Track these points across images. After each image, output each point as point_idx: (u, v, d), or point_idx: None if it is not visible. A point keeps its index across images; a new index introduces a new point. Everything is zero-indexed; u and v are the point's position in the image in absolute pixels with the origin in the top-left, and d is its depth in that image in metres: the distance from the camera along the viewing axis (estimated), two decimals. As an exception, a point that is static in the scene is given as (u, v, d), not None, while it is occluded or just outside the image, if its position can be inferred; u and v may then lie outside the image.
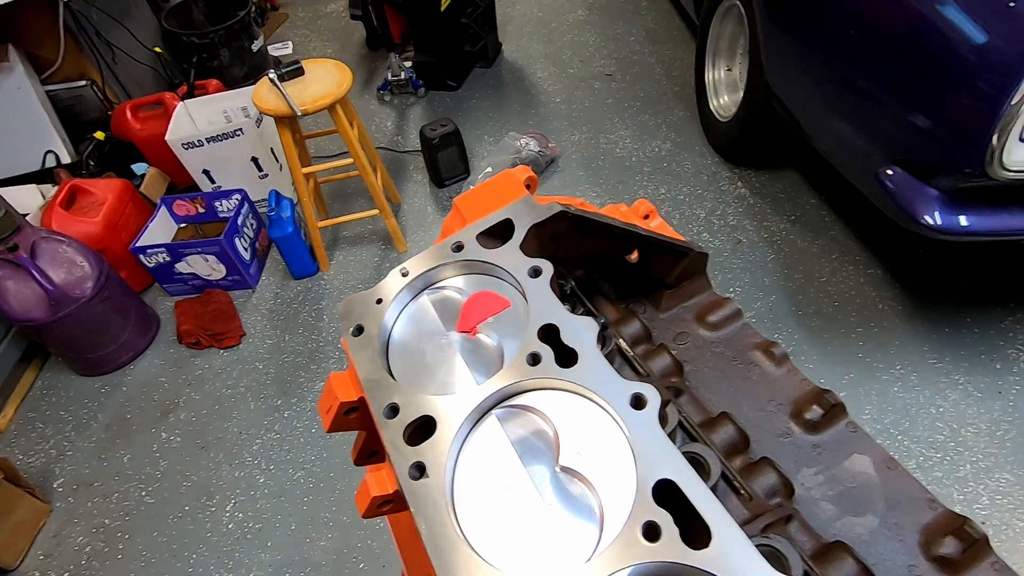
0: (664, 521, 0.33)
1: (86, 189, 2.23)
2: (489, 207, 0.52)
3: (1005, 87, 1.08)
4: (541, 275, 0.45)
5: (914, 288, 1.91)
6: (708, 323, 0.62)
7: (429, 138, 2.43)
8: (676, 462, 0.35)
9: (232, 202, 2.32)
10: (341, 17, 3.80)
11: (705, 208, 2.30)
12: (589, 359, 0.40)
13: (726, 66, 2.46)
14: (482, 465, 0.39)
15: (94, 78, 2.59)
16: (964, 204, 1.29)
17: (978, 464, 1.52)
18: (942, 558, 0.45)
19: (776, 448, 0.53)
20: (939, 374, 1.70)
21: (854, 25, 1.46)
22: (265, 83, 1.94)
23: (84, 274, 1.94)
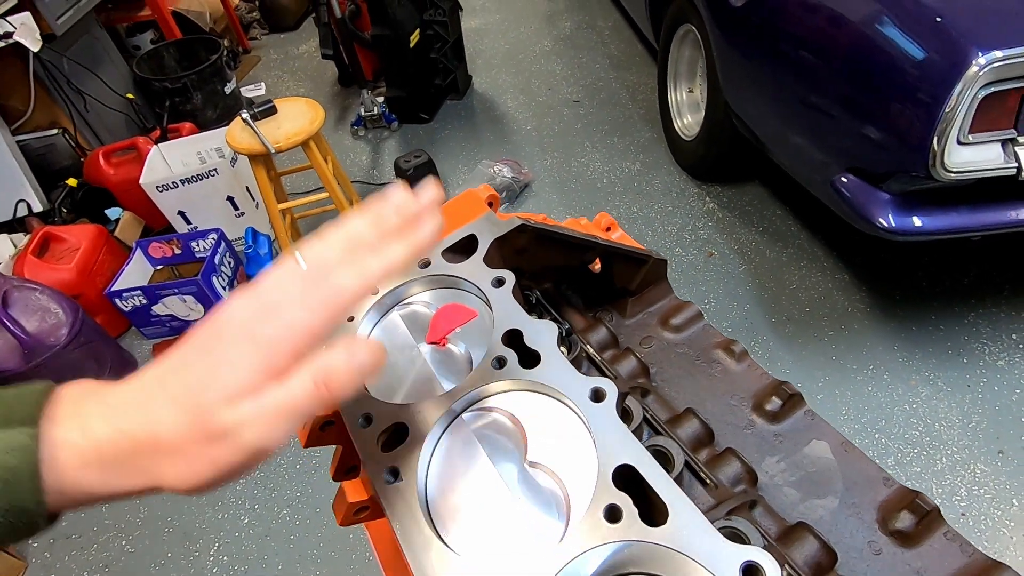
0: (624, 503, 0.35)
1: (59, 236, 2.21)
2: (453, 225, 0.55)
3: (939, 95, 1.15)
4: (504, 284, 0.48)
5: (880, 291, 1.98)
6: (671, 326, 0.65)
7: (404, 169, 2.48)
8: (633, 448, 0.37)
9: (209, 242, 2.32)
10: (312, 57, 3.87)
11: (676, 224, 2.36)
12: (550, 359, 0.42)
13: (687, 88, 2.56)
14: (454, 466, 0.41)
15: (66, 126, 2.59)
16: (915, 206, 1.35)
17: (953, 457, 1.56)
18: (899, 532, 0.47)
19: (740, 439, 0.55)
20: (910, 371, 1.75)
21: (802, 46, 1.55)
22: (238, 123, 1.97)
23: (58, 321, 1.91)
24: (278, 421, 0.30)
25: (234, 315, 0.32)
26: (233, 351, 0.31)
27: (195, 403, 0.30)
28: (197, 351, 0.32)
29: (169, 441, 0.30)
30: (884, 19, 1.27)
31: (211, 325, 0.33)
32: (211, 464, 0.30)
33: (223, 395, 0.30)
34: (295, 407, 0.31)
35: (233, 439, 0.30)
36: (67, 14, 2.50)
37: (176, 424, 0.30)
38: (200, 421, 0.30)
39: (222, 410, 0.30)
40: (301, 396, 0.31)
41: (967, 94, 1.12)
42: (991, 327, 1.82)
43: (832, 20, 1.41)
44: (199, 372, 0.31)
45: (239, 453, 0.30)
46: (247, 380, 0.30)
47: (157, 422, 0.30)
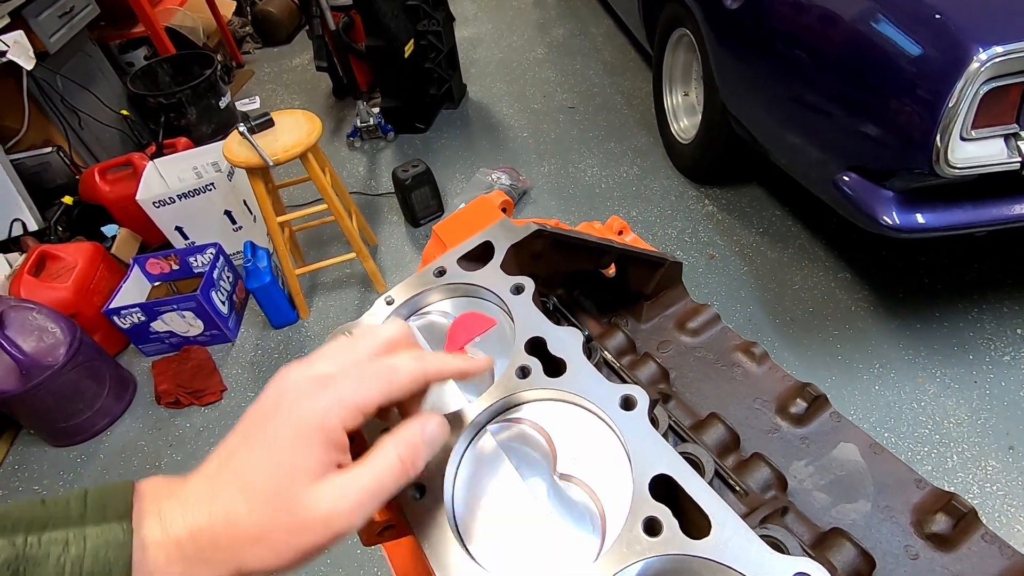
0: (663, 515, 0.33)
1: (55, 255, 2.19)
2: (467, 232, 0.53)
3: (941, 92, 1.15)
4: (524, 291, 0.47)
5: (883, 288, 1.98)
6: (689, 329, 0.64)
7: (401, 179, 2.47)
8: (670, 457, 0.36)
9: (207, 257, 2.30)
10: (307, 70, 3.88)
11: (676, 227, 2.36)
12: (576, 367, 0.41)
13: (683, 91, 2.57)
14: (481, 481, 0.39)
15: (60, 144, 2.58)
16: (919, 203, 1.35)
17: (964, 454, 1.55)
18: (935, 535, 0.46)
19: (766, 444, 0.54)
20: (916, 369, 1.74)
21: (800, 46, 1.56)
22: (235, 136, 1.96)
23: (56, 341, 1.89)
24: (367, 503, 0.31)
25: (291, 385, 0.33)
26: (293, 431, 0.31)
27: (272, 491, 0.30)
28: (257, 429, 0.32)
29: (251, 532, 0.30)
30: (882, 17, 1.27)
31: (271, 397, 0.33)
32: (295, 551, 0.30)
33: (303, 482, 0.30)
34: (383, 487, 0.31)
35: (320, 529, 0.30)
36: (60, 32, 2.50)
37: (256, 516, 0.30)
38: (283, 511, 0.30)
39: (305, 498, 0.30)
40: (387, 476, 0.31)
41: (969, 90, 1.12)
42: (995, 323, 1.82)
43: (830, 20, 1.42)
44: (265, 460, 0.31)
45: (324, 538, 0.30)
46: (321, 463, 0.31)
47: (232, 512, 0.30)
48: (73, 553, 0.28)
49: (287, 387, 0.33)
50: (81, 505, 0.30)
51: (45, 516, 0.29)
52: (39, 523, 0.29)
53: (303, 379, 0.33)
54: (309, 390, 0.32)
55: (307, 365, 0.34)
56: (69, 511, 0.30)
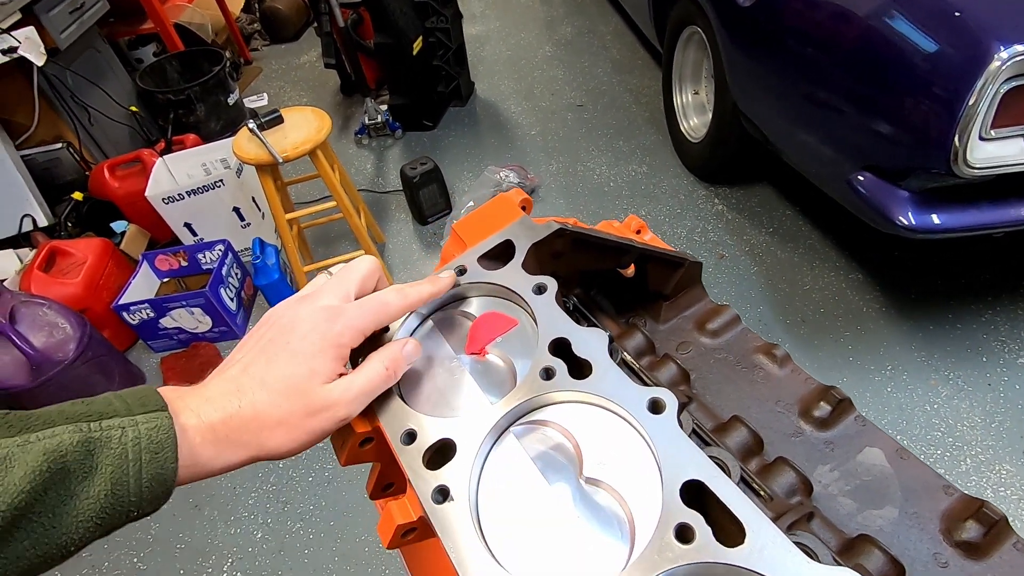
0: (696, 522, 0.33)
1: (65, 250, 2.20)
2: (487, 230, 0.53)
3: (960, 91, 1.14)
4: (546, 291, 0.46)
5: (895, 289, 1.96)
6: (708, 331, 0.63)
7: (409, 176, 2.46)
8: (701, 462, 0.35)
9: (215, 253, 2.31)
10: (315, 67, 3.88)
11: (685, 227, 2.34)
12: (602, 369, 0.40)
13: (693, 90, 2.55)
14: (505, 484, 0.39)
15: (70, 140, 2.59)
16: (935, 203, 1.34)
17: (978, 458, 1.54)
18: (965, 543, 0.45)
19: (789, 447, 0.53)
20: (929, 371, 1.72)
21: (812, 43, 1.54)
22: (245, 133, 1.96)
23: (66, 336, 1.89)
24: (362, 397, 0.41)
25: (297, 314, 0.41)
26: (309, 344, 0.39)
27: (290, 387, 0.38)
28: (273, 345, 0.40)
29: (273, 417, 0.38)
30: (900, 15, 1.25)
31: (275, 324, 0.42)
32: (308, 432, 0.39)
33: (318, 381, 0.39)
34: (373, 387, 0.41)
35: (329, 413, 0.39)
36: (71, 28, 2.50)
37: (279, 405, 0.38)
38: (300, 401, 0.38)
39: (319, 392, 0.39)
40: (376, 378, 0.41)
41: (989, 89, 1.10)
42: (1010, 325, 1.80)
43: (844, 17, 1.40)
44: (286, 362, 0.39)
45: (331, 424, 0.40)
46: (333, 369, 0.40)
47: (260, 404, 0.38)
48: (131, 436, 0.34)
49: (302, 316, 0.41)
50: (123, 401, 0.36)
51: (96, 410, 0.34)
52: (96, 415, 0.34)
53: (316, 310, 0.41)
54: (325, 317, 0.41)
55: (312, 299, 0.42)
56: (115, 407, 0.35)
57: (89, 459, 0.32)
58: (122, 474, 0.33)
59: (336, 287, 0.43)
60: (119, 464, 0.33)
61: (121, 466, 0.33)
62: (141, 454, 0.34)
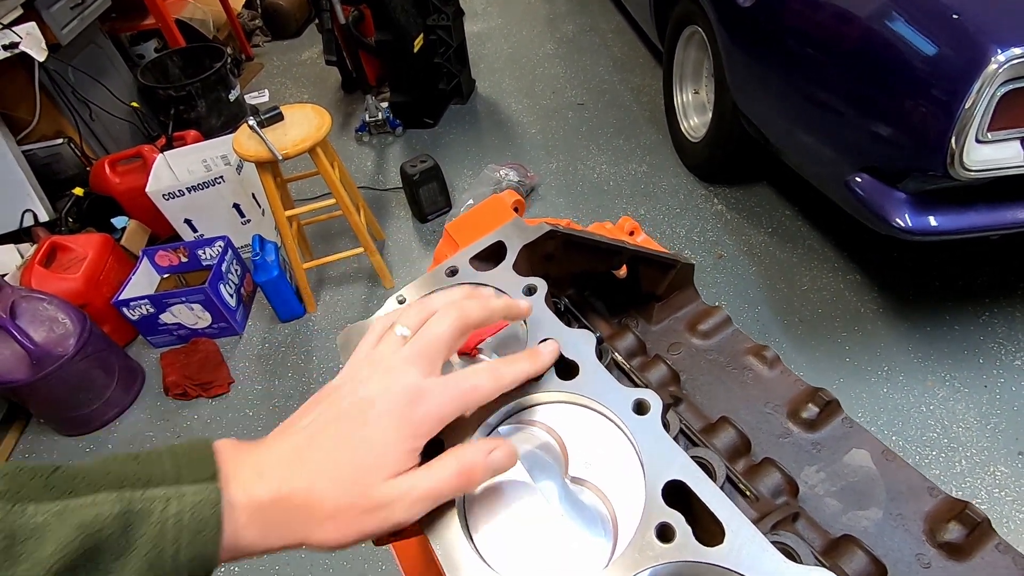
0: (676, 521, 0.33)
1: (66, 246, 2.21)
2: (479, 231, 0.53)
3: (957, 93, 1.14)
4: (536, 292, 0.47)
5: (892, 290, 1.96)
6: (700, 332, 0.64)
7: (410, 174, 2.47)
8: (683, 463, 0.36)
9: (215, 249, 2.31)
10: (316, 64, 3.88)
11: (684, 226, 2.35)
12: (589, 370, 0.41)
13: (693, 89, 2.55)
14: (492, 483, 0.39)
15: (71, 135, 2.59)
16: (932, 205, 1.34)
17: (973, 459, 1.54)
18: (948, 544, 0.46)
19: (777, 449, 0.53)
20: (925, 372, 1.73)
21: (814, 44, 1.54)
22: (245, 130, 1.96)
23: (66, 331, 1.90)
24: (424, 503, 0.35)
25: (375, 390, 0.36)
26: (384, 432, 0.35)
27: (355, 477, 0.34)
28: (345, 422, 0.35)
29: (327, 508, 0.34)
30: (898, 17, 1.25)
31: (350, 395, 0.36)
32: (359, 531, 0.34)
33: (384, 475, 0.34)
34: (440, 493, 0.35)
35: (384, 515, 0.34)
36: (72, 24, 2.51)
37: (336, 496, 0.34)
38: (360, 495, 0.34)
39: (380, 488, 0.34)
40: (446, 484, 0.35)
41: (986, 92, 1.11)
42: (1007, 327, 1.80)
43: (844, 18, 1.40)
44: (356, 448, 0.35)
45: (384, 525, 0.35)
46: (403, 463, 0.35)
47: (316, 490, 0.34)
48: (173, 510, 0.31)
49: (381, 393, 0.36)
50: (174, 464, 0.33)
51: (143, 473, 0.32)
52: (141, 480, 0.32)
53: (399, 390, 0.36)
54: (407, 401, 0.36)
55: (397, 373, 0.36)
56: (164, 470, 0.32)
57: (125, 536, 0.30)
58: (159, 554, 0.30)
59: (426, 353, 0.37)
60: (156, 543, 0.30)
61: (158, 545, 0.30)
62: (182, 533, 0.31)
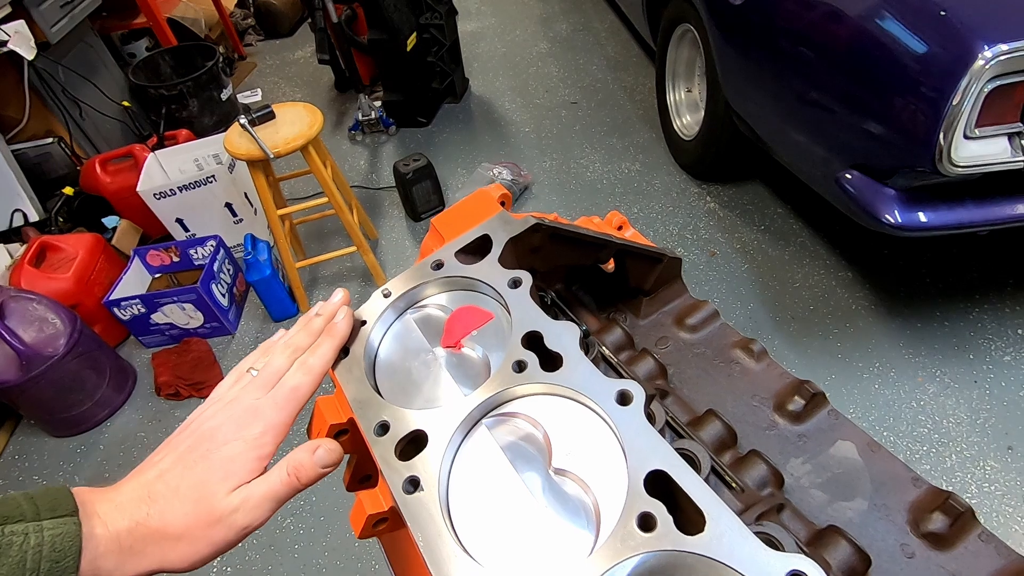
0: (658, 511, 0.33)
1: (56, 245, 2.19)
2: (466, 225, 0.53)
3: (945, 89, 1.15)
4: (521, 285, 0.47)
5: (884, 287, 1.97)
6: (687, 326, 0.64)
7: (403, 173, 2.46)
8: (665, 453, 0.36)
9: (207, 249, 2.30)
10: (309, 63, 3.87)
11: (677, 224, 2.35)
12: (573, 362, 0.41)
13: (686, 87, 2.55)
14: (475, 475, 0.39)
15: (61, 135, 2.58)
16: (921, 201, 1.35)
17: (963, 454, 1.55)
18: (931, 534, 0.46)
19: (763, 441, 0.54)
20: (916, 368, 1.74)
21: (802, 42, 1.55)
22: (236, 129, 1.95)
23: (56, 331, 1.89)
24: (265, 504, 0.39)
25: (223, 422, 0.41)
26: (230, 450, 0.39)
27: (200, 495, 0.38)
28: (194, 453, 0.40)
29: (177, 528, 0.37)
30: (886, 14, 1.26)
31: (196, 431, 0.41)
32: (209, 543, 0.38)
33: (226, 488, 0.38)
34: (275, 494, 0.39)
35: (229, 522, 0.38)
36: (62, 22, 2.49)
37: (184, 515, 0.37)
38: (204, 509, 0.38)
39: (223, 501, 0.38)
40: (279, 485, 0.40)
41: (973, 88, 1.11)
42: (996, 323, 1.81)
43: (833, 16, 1.41)
44: (203, 470, 0.39)
45: (232, 533, 0.38)
46: (249, 473, 0.39)
47: (166, 512, 0.37)
48: (33, 542, 0.33)
49: (222, 421, 0.41)
50: (33, 504, 0.35)
51: (3, 513, 0.34)
52: (1, 518, 0.34)
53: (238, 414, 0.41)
54: (246, 422, 0.40)
55: (227, 402, 0.42)
56: (23, 508, 0.35)
57: None
58: None
59: (263, 381, 0.43)
60: (16, 572, 0.32)
61: (19, 574, 0.32)
62: (41, 562, 0.33)
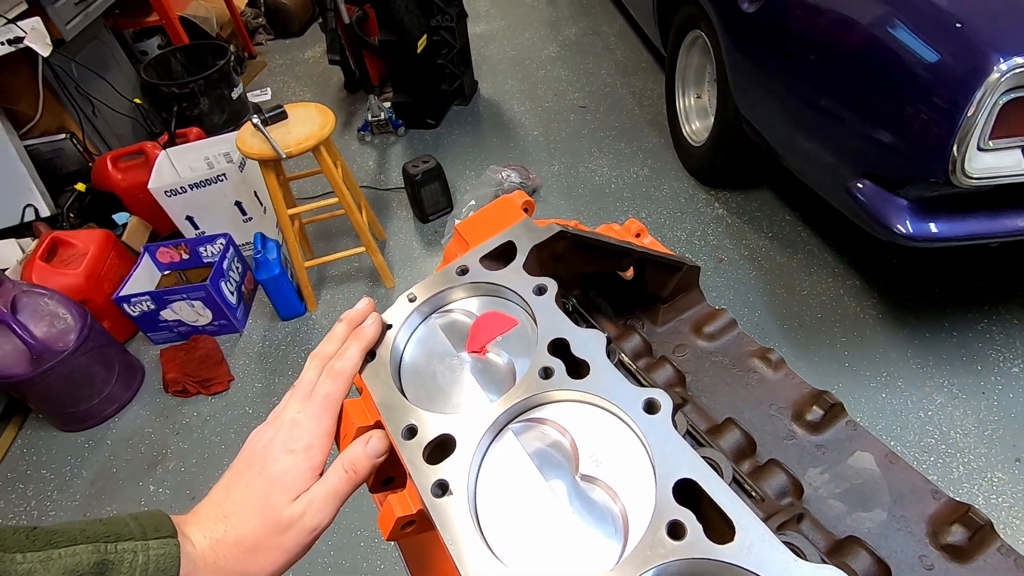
0: (687, 519, 0.34)
1: (67, 241, 2.21)
2: (490, 231, 0.54)
3: (959, 101, 1.15)
4: (546, 292, 0.47)
5: (892, 296, 1.97)
6: (705, 334, 0.64)
7: (412, 174, 2.47)
8: (694, 461, 0.36)
9: (217, 247, 2.31)
10: (318, 63, 3.88)
11: (685, 230, 2.35)
12: (600, 369, 0.41)
13: (696, 93, 2.56)
14: (503, 480, 0.40)
15: (74, 131, 2.59)
16: (933, 212, 1.35)
17: (970, 465, 1.55)
18: (951, 546, 0.46)
19: (782, 450, 0.54)
20: (924, 378, 1.74)
21: (814, 49, 1.55)
22: (249, 128, 1.97)
23: (67, 327, 1.90)
24: (329, 505, 0.42)
25: (271, 439, 0.44)
26: (282, 465, 0.42)
27: (265, 508, 0.41)
28: (251, 471, 0.43)
29: (251, 541, 0.41)
30: (901, 25, 1.26)
31: (252, 451, 0.44)
32: (284, 551, 0.41)
33: (287, 499, 0.41)
34: (337, 492, 0.43)
35: (299, 527, 0.41)
36: (76, 19, 2.51)
37: (255, 527, 0.41)
38: (272, 520, 0.41)
39: (287, 509, 0.41)
40: (339, 482, 0.43)
41: (988, 100, 1.11)
42: (1005, 334, 1.81)
43: (848, 25, 1.41)
44: (262, 486, 0.42)
45: (304, 536, 0.42)
46: (303, 482, 0.42)
47: (239, 527, 0.41)
48: (141, 560, 0.37)
49: (271, 436, 0.44)
50: (139, 524, 0.39)
51: (113, 532, 0.38)
52: (112, 536, 0.37)
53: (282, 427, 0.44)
54: (289, 436, 0.43)
55: (274, 422, 0.45)
56: (131, 529, 0.38)
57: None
58: None
59: (299, 394, 0.46)
60: None
61: None
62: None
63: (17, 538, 0.35)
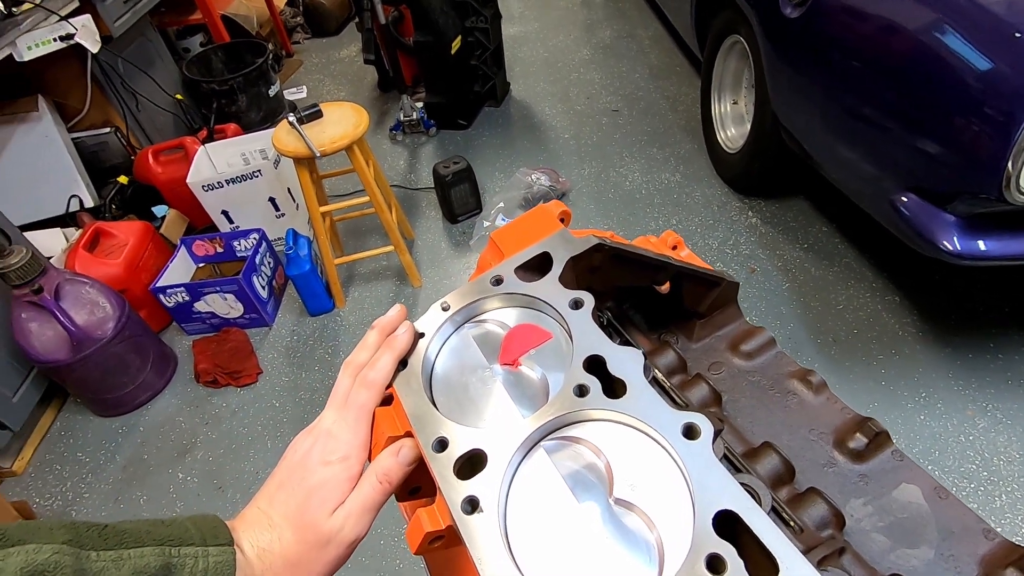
0: (728, 553, 0.32)
1: (109, 232, 2.28)
2: (525, 241, 0.53)
3: (1016, 114, 1.10)
4: (583, 307, 0.46)
5: (933, 314, 1.90)
6: (742, 352, 0.62)
7: (442, 175, 2.48)
8: (735, 492, 0.34)
9: (250, 241, 2.36)
10: (353, 62, 3.93)
11: (717, 238, 2.31)
12: (637, 390, 0.40)
13: (732, 99, 2.51)
14: (534, 499, 0.39)
15: (118, 125, 2.68)
16: (982, 229, 1.29)
17: (1013, 494, 1.48)
18: (1005, 591, 0.44)
19: (822, 478, 0.52)
20: (966, 401, 1.67)
21: (858, 56, 1.50)
22: (284, 126, 2.00)
23: (106, 315, 1.96)
24: (365, 516, 0.43)
25: (309, 449, 0.45)
26: (320, 476, 0.43)
27: (305, 523, 0.42)
28: (292, 480, 0.44)
29: (294, 555, 0.42)
30: (956, 34, 1.21)
31: (292, 459, 0.45)
32: (325, 565, 0.42)
33: (325, 512, 0.42)
34: (372, 502, 0.43)
35: (338, 541, 0.42)
36: (124, 17, 2.59)
37: (296, 541, 0.42)
38: (312, 535, 0.42)
39: (326, 523, 0.42)
40: (373, 493, 0.43)
41: (1048, 114, 1.06)
42: (1055, 357, 1.72)
43: (895, 31, 1.36)
44: (303, 498, 0.43)
45: (343, 549, 0.43)
46: (340, 493, 0.43)
47: (283, 538, 0.42)
48: (201, 566, 0.38)
49: (309, 447, 0.45)
50: (199, 530, 0.40)
51: (176, 535, 0.39)
52: (175, 540, 0.39)
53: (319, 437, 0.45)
54: (325, 448, 0.44)
55: (316, 431, 0.46)
56: (191, 534, 0.40)
57: None
58: None
59: (335, 400, 0.47)
60: None
61: None
62: None
63: (91, 535, 0.36)
